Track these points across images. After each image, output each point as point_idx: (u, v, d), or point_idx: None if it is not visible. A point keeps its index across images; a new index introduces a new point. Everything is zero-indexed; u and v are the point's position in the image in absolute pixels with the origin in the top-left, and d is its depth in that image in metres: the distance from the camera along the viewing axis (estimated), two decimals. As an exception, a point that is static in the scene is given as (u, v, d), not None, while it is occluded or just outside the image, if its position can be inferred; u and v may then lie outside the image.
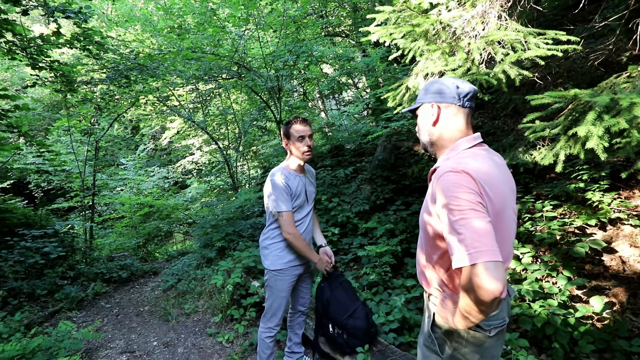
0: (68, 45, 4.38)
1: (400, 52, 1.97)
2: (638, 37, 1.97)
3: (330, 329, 2.34)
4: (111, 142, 10.13)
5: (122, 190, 9.42)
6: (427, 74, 1.89)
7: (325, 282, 2.39)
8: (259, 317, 3.45)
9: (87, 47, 4.47)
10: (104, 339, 3.67)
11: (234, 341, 3.29)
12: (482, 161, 1.15)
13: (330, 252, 2.44)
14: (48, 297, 4.57)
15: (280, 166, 2.22)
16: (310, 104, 9.21)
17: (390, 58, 2.21)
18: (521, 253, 2.95)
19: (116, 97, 6.31)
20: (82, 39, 4.35)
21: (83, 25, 4.22)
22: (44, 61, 4.33)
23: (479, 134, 1.25)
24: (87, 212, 7.12)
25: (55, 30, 4.12)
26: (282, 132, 2.18)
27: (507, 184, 1.20)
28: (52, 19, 3.98)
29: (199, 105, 7.92)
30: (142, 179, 9.40)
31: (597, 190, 3.07)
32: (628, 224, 2.90)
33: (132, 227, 8.39)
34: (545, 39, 1.53)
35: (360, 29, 2.28)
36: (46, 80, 4.78)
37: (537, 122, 1.48)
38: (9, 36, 3.98)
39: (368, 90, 7.24)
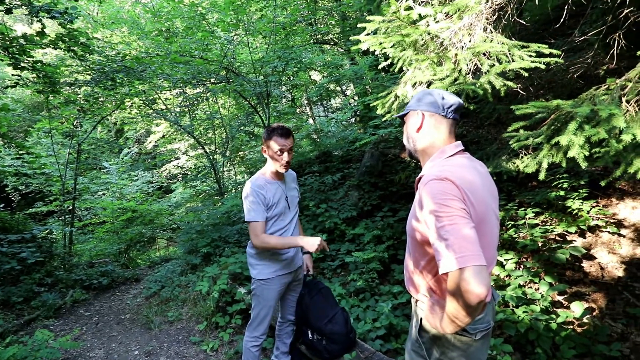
0: (52, 46, 4.29)
1: (389, 61, 2.01)
2: (615, 52, 2.06)
3: (310, 335, 2.32)
4: (94, 145, 9.91)
5: (104, 194, 9.21)
6: (415, 83, 1.93)
7: (305, 288, 2.38)
8: (244, 325, 3.41)
9: (72, 48, 4.39)
10: (82, 348, 3.56)
11: (218, 349, 3.23)
12: (464, 169, 1.20)
13: (311, 262, 2.43)
14: (24, 305, 4.41)
15: (258, 174, 2.18)
16: (298, 110, 9.24)
17: (379, 67, 2.25)
18: (505, 259, 3.00)
19: (100, 100, 6.19)
20: (67, 39, 4.27)
21: (68, 26, 4.15)
22: (26, 61, 4.23)
23: (460, 142, 1.30)
24: (66, 216, 6.93)
25: (40, 30, 4.04)
26: (262, 137, 2.11)
27: (488, 191, 1.24)
28: (36, 18, 3.90)
29: (186, 109, 7.85)
30: (125, 183, 9.22)
31: (577, 198, 3.17)
32: (606, 231, 3.00)
33: (113, 233, 8.20)
34: (529, 51, 1.60)
35: (350, 38, 2.31)
36: (28, 80, 4.67)
37: (521, 131, 1.53)
38: (-11, 35, 3.88)
39: (356, 98, 7.32)
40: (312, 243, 1.99)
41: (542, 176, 1.50)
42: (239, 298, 3.53)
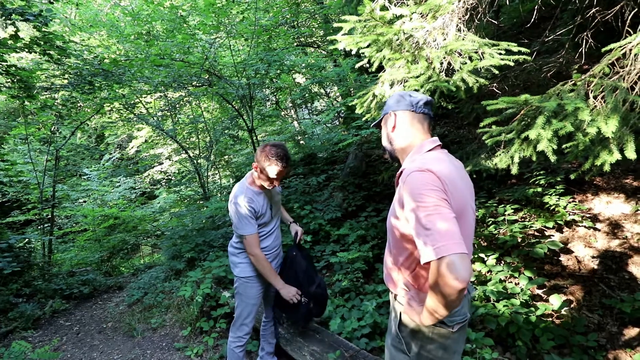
0: (27, 50, 4.18)
1: (366, 60, 2.04)
2: (584, 51, 2.14)
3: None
4: (73, 151, 9.62)
5: (84, 201, 8.98)
6: (392, 82, 1.96)
7: (295, 250, 2.40)
8: (229, 329, 3.37)
9: (48, 51, 4.29)
10: (62, 359, 3.46)
11: (203, 354, 3.18)
12: (443, 162, 1.22)
13: (300, 228, 2.46)
14: (0, 316, 4.26)
15: (245, 183, 2.15)
16: (282, 113, 9.23)
17: (357, 66, 2.28)
18: (485, 255, 3.06)
19: (79, 104, 6.06)
20: (42, 43, 4.17)
21: (43, 29, 4.05)
22: (-1, 66, 4.12)
23: (437, 138, 1.34)
24: (45, 225, 6.73)
25: (13, 33, 3.93)
26: (257, 156, 2.04)
27: (466, 186, 1.26)
28: (9, 21, 3.80)
29: (168, 113, 7.74)
30: (107, 190, 9.00)
31: (554, 194, 3.25)
32: (582, 226, 3.09)
33: (95, 241, 7.99)
34: (499, 49, 1.64)
35: (328, 37, 2.33)
36: (2, 85, 4.54)
37: (494, 127, 1.58)
38: (-40, 38, 3.76)
39: (339, 99, 7.36)
40: (287, 292, 2.19)
41: (514, 170, 1.54)
42: (224, 302, 3.50)
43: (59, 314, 4.72)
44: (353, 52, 1.91)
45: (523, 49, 1.60)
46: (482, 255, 3.07)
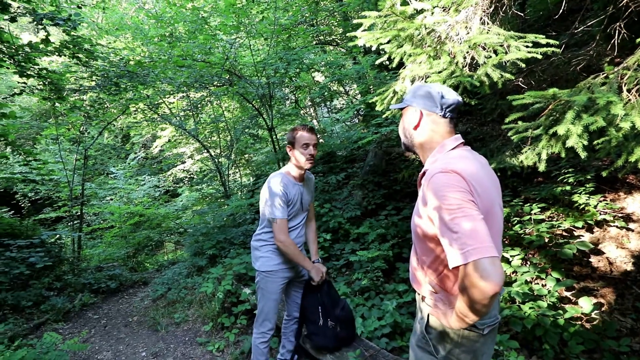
0: (57, 53, 4.36)
1: (386, 56, 2.01)
2: (616, 42, 2.04)
3: (321, 321, 2.35)
4: (101, 150, 10.01)
5: (111, 199, 9.30)
6: (413, 78, 1.93)
7: (317, 291, 2.38)
8: (250, 325, 3.41)
9: (77, 54, 4.45)
10: (90, 350, 3.59)
11: (224, 350, 3.24)
12: (468, 161, 1.17)
13: (324, 268, 2.35)
14: (33, 309, 4.47)
15: (281, 171, 2.22)
16: (302, 111, 9.25)
17: (377, 63, 2.25)
18: (511, 255, 2.97)
19: (106, 105, 6.27)
20: (71, 46, 4.33)
21: (72, 33, 4.21)
22: (32, 69, 4.30)
23: (459, 135, 1.28)
24: (75, 222, 7.00)
25: (44, 37, 4.11)
26: (286, 138, 2.19)
27: (492, 183, 1.22)
28: (40, 26, 3.96)
29: (190, 113, 7.90)
30: (132, 188, 9.30)
31: (583, 192, 3.12)
32: (614, 226, 2.95)
33: (121, 237, 8.27)
34: (525, 42, 1.58)
35: (347, 34, 2.32)
36: (34, 88, 4.74)
37: (520, 122, 1.52)
38: (-4, 44, 3.95)
39: (358, 97, 7.31)
40: (316, 273, 2.23)
41: (542, 167, 1.48)
42: (244, 298, 3.54)
43: (87, 307, 4.91)
44: (373, 49, 1.89)
45: (551, 41, 1.53)
46: (506, 255, 2.99)
